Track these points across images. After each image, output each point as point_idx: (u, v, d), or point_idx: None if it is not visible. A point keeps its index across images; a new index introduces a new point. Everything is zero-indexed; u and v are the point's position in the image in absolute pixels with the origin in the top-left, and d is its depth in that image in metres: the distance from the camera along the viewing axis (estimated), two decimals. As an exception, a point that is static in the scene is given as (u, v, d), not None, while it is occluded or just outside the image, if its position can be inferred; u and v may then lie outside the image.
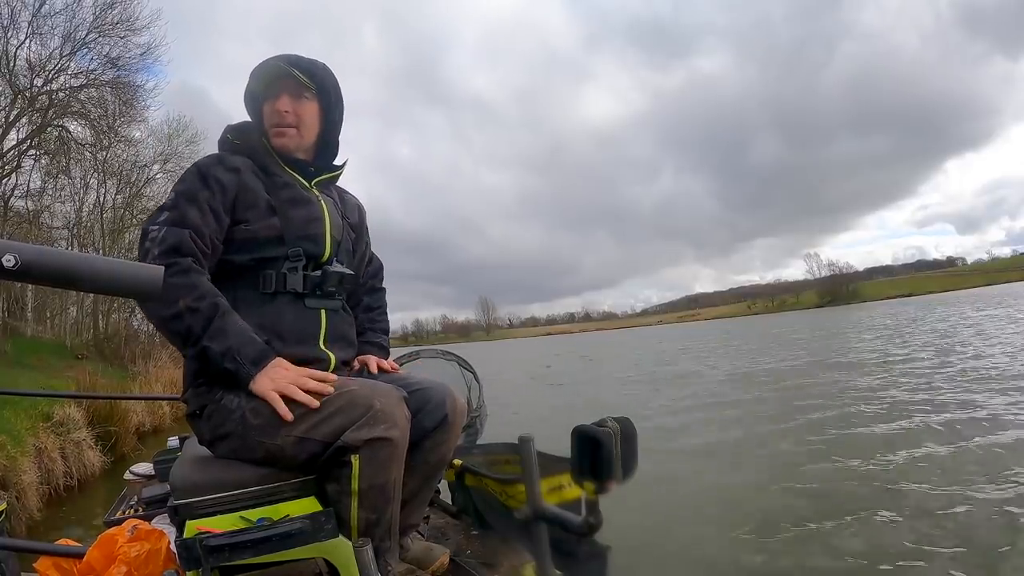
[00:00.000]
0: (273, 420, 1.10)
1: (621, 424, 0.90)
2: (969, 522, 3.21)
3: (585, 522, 0.94)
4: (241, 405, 1.13)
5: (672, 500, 4.21)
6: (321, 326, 1.26)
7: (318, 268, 1.27)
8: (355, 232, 1.46)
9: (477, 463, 1.64)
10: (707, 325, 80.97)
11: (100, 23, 12.91)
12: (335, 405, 1.09)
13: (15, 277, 0.55)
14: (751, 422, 6.62)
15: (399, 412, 1.11)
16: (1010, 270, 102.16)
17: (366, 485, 1.08)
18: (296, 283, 1.23)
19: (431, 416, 1.25)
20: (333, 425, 1.08)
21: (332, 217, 1.33)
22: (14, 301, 13.99)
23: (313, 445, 1.09)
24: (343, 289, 1.32)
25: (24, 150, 12.83)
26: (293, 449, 1.10)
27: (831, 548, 3.21)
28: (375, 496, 1.10)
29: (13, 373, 8.89)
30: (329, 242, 1.29)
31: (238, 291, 1.21)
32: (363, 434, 1.06)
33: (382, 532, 1.13)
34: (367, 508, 1.10)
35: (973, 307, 28.16)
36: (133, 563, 1.28)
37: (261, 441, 1.11)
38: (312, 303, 1.25)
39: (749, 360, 14.33)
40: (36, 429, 5.76)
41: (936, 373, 8.45)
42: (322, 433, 1.08)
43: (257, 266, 1.22)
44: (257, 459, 1.13)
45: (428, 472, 1.30)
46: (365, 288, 1.55)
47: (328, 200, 1.36)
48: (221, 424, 1.15)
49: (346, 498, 1.10)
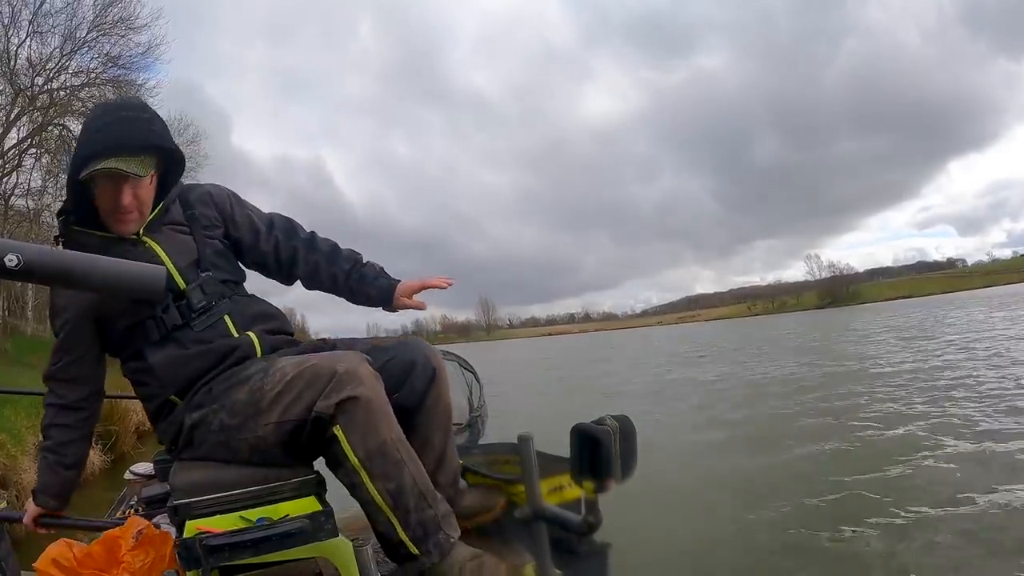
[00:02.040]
0: (250, 410, 1.13)
1: (620, 422, 0.90)
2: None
3: (585, 521, 0.94)
4: (216, 414, 1.16)
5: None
6: (227, 325, 1.28)
7: (184, 298, 1.28)
8: (216, 227, 1.40)
9: (477, 463, 1.64)
10: (710, 326, 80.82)
11: (100, 22, 12.96)
12: (302, 381, 1.10)
13: (17, 276, 0.55)
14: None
15: (362, 370, 1.10)
16: (1011, 272, 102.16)
17: (363, 453, 1.08)
18: (174, 319, 1.25)
19: (421, 376, 1.26)
20: (305, 400, 1.09)
21: (171, 249, 1.30)
22: (14, 300, 14.01)
23: (291, 426, 1.10)
24: (216, 293, 1.30)
25: (25, 149, 12.87)
26: (274, 436, 1.12)
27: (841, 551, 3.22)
28: (380, 462, 1.09)
29: (13, 372, 8.91)
30: (177, 275, 1.28)
31: (144, 355, 1.25)
32: (331, 400, 1.06)
33: (415, 499, 1.11)
34: (380, 478, 1.09)
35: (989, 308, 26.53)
36: (138, 572, 1.25)
37: (244, 438, 1.13)
38: (201, 321, 1.27)
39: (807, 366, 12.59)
40: (36, 428, 5.76)
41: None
42: (296, 411, 1.10)
43: (138, 331, 1.26)
44: (245, 458, 1.15)
45: (440, 424, 1.31)
46: (287, 251, 1.44)
47: (163, 235, 1.32)
48: (204, 439, 1.18)
49: (356, 476, 1.09)
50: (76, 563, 1.28)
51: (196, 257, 1.32)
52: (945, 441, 5.13)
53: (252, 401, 1.13)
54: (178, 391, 1.22)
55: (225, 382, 1.19)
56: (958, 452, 4.81)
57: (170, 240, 1.32)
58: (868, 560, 3.09)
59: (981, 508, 3.53)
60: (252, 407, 1.13)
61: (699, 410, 8.26)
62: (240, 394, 1.15)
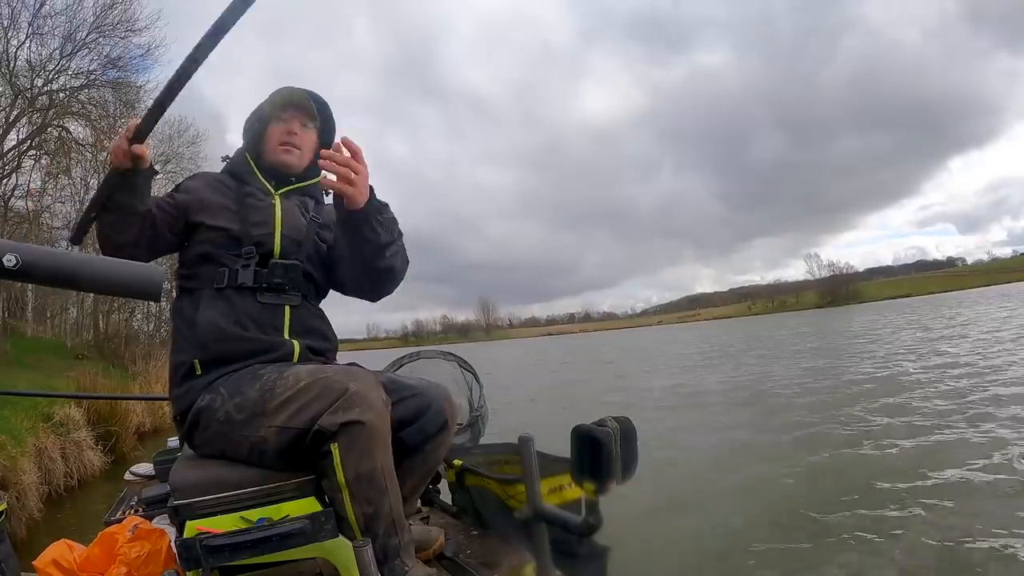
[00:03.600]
0: (257, 409, 1.13)
1: (621, 424, 0.90)
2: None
3: (585, 522, 0.94)
4: (224, 404, 1.16)
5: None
6: (284, 318, 1.31)
7: (267, 266, 1.33)
8: (328, 231, 1.45)
9: (477, 463, 1.64)
10: (711, 325, 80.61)
11: (100, 23, 12.92)
12: (313, 391, 1.11)
13: (16, 277, 0.55)
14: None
15: (374, 395, 1.11)
16: (1010, 271, 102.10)
17: (352, 475, 1.08)
18: (246, 278, 1.29)
19: (433, 421, 1.26)
20: (312, 411, 1.09)
21: (288, 218, 1.39)
22: (14, 301, 14.00)
23: (293, 433, 1.10)
24: (295, 282, 1.34)
25: (24, 150, 12.84)
26: (276, 440, 1.12)
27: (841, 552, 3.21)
28: (365, 487, 1.09)
29: (13, 373, 8.90)
30: (278, 240, 1.35)
31: (200, 286, 1.30)
32: (338, 418, 1.07)
33: (386, 526, 1.12)
34: (361, 501, 1.10)
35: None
36: (133, 564, 1.27)
37: (245, 435, 1.14)
38: (267, 297, 1.30)
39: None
40: (36, 429, 5.76)
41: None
42: (301, 420, 1.10)
43: (213, 263, 1.31)
44: (243, 456, 1.15)
45: (427, 472, 1.34)
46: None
47: (290, 204, 1.43)
48: (207, 426, 1.18)
49: (338, 493, 1.10)
50: (76, 563, 1.29)
51: (299, 239, 1.39)
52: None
53: (260, 400, 1.14)
54: (204, 361, 1.23)
55: (243, 374, 1.20)
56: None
57: (291, 211, 1.41)
58: (871, 565, 3.07)
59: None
60: (259, 407, 1.13)
61: (700, 411, 8.25)
62: (251, 391, 1.16)
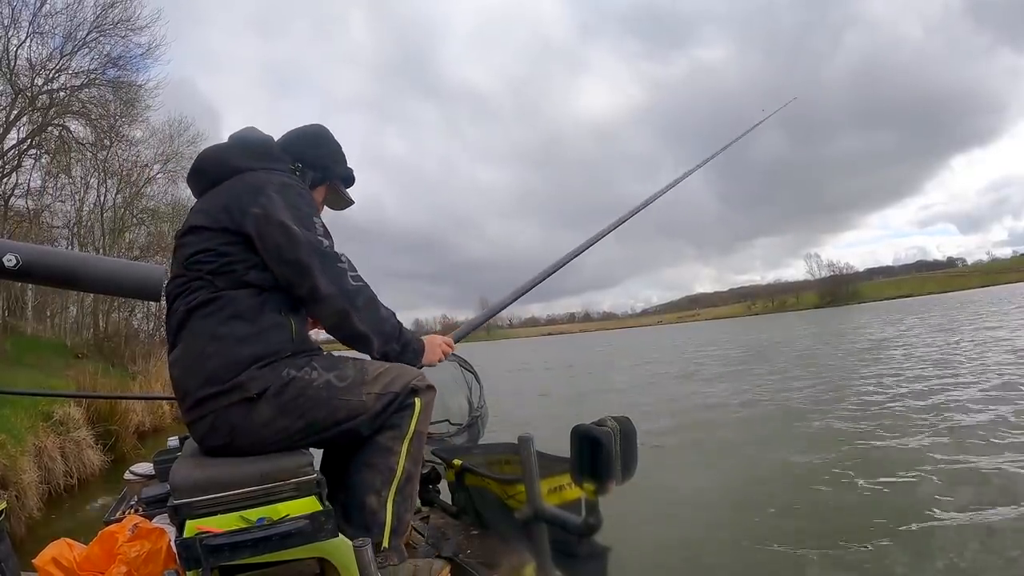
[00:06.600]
0: (357, 379, 1.33)
1: (621, 423, 0.90)
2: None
3: (585, 522, 0.94)
4: (323, 375, 1.31)
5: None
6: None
7: None
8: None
9: (477, 463, 1.64)
10: (712, 325, 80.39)
11: (101, 22, 12.91)
12: (397, 370, 1.37)
13: (16, 277, 0.55)
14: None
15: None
16: (1010, 271, 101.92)
17: (421, 427, 1.34)
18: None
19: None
20: (403, 380, 1.35)
21: None
22: (14, 300, 14.00)
23: (390, 396, 1.33)
24: None
25: (24, 149, 12.82)
26: (374, 403, 1.32)
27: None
28: (418, 444, 1.33)
29: (13, 372, 8.88)
30: None
31: (288, 305, 1.43)
32: (423, 383, 1.36)
33: (411, 497, 1.34)
34: (412, 457, 1.32)
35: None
36: (133, 563, 1.27)
37: (347, 400, 1.31)
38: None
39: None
40: (36, 428, 5.76)
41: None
42: (396, 387, 1.34)
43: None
44: (339, 417, 1.30)
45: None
46: None
47: None
48: (297, 396, 1.27)
49: (398, 444, 1.31)
50: (76, 562, 1.29)
51: None
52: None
53: (359, 371, 1.34)
54: (295, 349, 1.36)
55: (326, 357, 1.38)
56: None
57: None
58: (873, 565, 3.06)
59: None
60: (359, 376, 1.33)
61: (704, 413, 8.24)
62: (348, 368, 1.35)
